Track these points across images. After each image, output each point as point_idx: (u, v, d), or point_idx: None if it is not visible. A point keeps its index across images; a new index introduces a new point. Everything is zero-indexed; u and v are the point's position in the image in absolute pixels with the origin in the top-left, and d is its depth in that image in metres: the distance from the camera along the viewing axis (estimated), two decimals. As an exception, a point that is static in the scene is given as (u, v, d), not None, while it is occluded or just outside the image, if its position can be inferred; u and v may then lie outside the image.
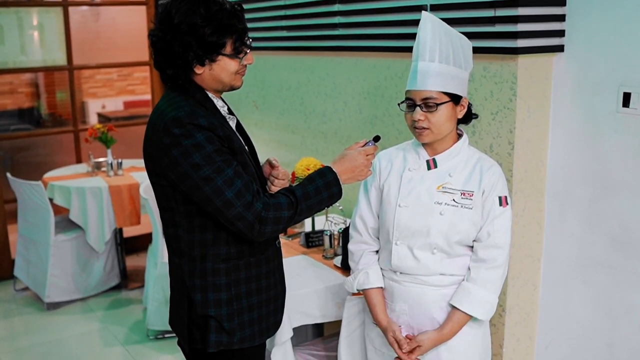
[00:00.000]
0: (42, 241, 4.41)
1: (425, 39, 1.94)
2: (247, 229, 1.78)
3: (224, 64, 1.84)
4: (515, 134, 2.38)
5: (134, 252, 5.39)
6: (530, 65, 2.36)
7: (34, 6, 5.80)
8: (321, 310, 2.52)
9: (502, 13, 2.32)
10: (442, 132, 1.99)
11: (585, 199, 2.42)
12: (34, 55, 5.49)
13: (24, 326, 4.23)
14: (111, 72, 9.42)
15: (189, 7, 1.77)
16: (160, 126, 1.78)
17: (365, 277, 2.14)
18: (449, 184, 2.01)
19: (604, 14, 2.26)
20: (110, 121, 7.70)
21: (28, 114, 8.80)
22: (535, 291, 2.61)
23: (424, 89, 1.94)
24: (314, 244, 2.98)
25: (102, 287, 4.65)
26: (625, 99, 2.23)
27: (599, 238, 2.40)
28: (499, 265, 2.00)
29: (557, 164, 2.49)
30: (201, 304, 1.90)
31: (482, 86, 2.47)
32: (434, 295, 2.03)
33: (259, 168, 2.05)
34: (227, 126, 1.88)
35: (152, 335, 3.99)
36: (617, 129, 2.28)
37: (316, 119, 3.55)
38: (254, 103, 4.15)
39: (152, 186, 1.93)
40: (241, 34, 1.84)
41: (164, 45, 1.80)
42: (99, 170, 4.80)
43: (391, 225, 2.05)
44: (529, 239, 2.54)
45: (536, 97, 2.41)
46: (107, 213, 4.43)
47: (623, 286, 2.35)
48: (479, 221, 2.00)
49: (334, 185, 1.89)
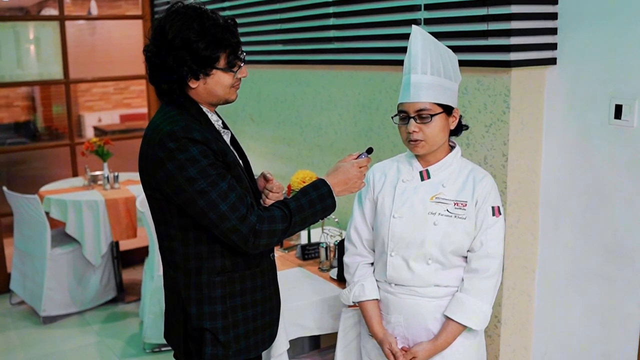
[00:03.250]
0: (38, 255, 4.40)
1: (417, 52, 1.97)
2: (241, 242, 1.79)
3: (218, 78, 1.85)
4: (509, 145, 2.40)
5: (130, 265, 5.38)
6: (523, 78, 2.38)
7: (30, 20, 5.83)
8: (317, 322, 2.52)
9: (495, 27, 2.34)
10: (436, 143, 2.00)
11: (578, 209, 2.43)
12: (31, 69, 5.51)
13: (20, 340, 4.21)
14: (107, 86, 9.45)
15: (183, 22, 1.78)
16: (155, 140, 1.79)
17: (360, 289, 2.15)
18: (443, 194, 2.03)
19: (596, 27, 2.29)
20: (107, 134, 7.72)
21: (24, 128, 8.82)
22: (531, 302, 2.62)
23: (417, 101, 1.96)
24: (310, 257, 2.99)
25: (98, 300, 4.64)
26: (617, 111, 2.26)
27: (593, 248, 2.41)
28: (492, 275, 2.01)
29: (550, 175, 2.50)
30: (197, 316, 1.91)
31: (475, 99, 2.49)
32: (429, 307, 2.04)
33: (254, 181, 2.06)
34: (221, 140, 1.89)
35: (149, 349, 3.97)
36: (609, 140, 2.30)
37: (312, 132, 3.57)
38: (249, 116, 4.17)
39: (147, 199, 1.94)
40: (235, 48, 1.85)
41: (158, 60, 1.81)
42: (95, 183, 4.80)
43: (386, 236, 2.06)
44: (523, 250, 2.55)
45: (529, 110, 2.43)
46: (104, 226, 4.43)
47: (618, 296, 2.36)
48: (472, 231, 2.01)
49: (327, 198, 1.90)
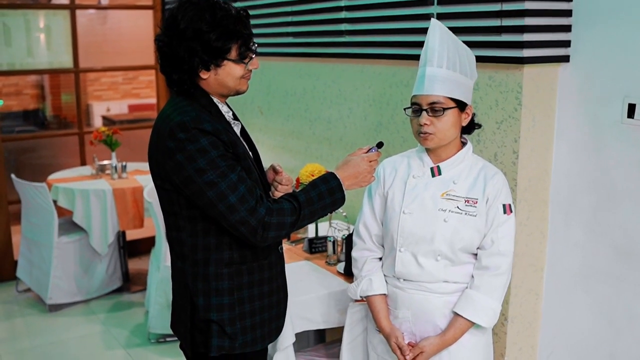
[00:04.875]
0: (45, 243, 4.42)
1: (434, 45, 1.96)
2: (250, 234, 1.79)
3: (229, 69, 1.85)
4: (519, 143, 2.38)
5: (136, 255, 5.39)
6: (535, 75, 2.36)
7: (41, 9, 5.83)
8: (323, 316, 2.52)
9: (509, 23, 2.33)
10: (446, 138, 1.99)
11: (589, 208, 2.42)
12: (41, 57, 5.51)
13: (26, 327, 4.23)
14: (116, 75, 9.45)
15: (195, 13, 1.78)
16: (165, 130, 1.79)
17: (368, 284, 2.14)
18: (453, 191, 2.02)
19: (610, 25, 2.27)
20: (115, 124, 7.72)
21: (33, 116, 8.83)
22: (538, 300, 2.61)
23: (431, 94, 1.95)
24: (317, 250, 2.99)
25: (104, 289, 4.66)
26: (630, 110, 2.24)
27: (602, 248, 2.40)
28: (502, 273, 2.00)
29: (561, 173, 2.49)
30: (204, 308, 1.91)
31: (487, 95, 2.47)
32: (437, 303, 2.04)
33: (263, 173, 2.06)
34: (231, 131, 1.88)
35: (154, 339, 3.99)
36: (621, 139, 2.28)
37: (321, 125, 3.56)
38: (259, 108, 4.16)
39: (156, 190, 1.94)
40: (246, 40, 1.85)
41: (169, 50, 1.81)
42: (103, 173, 4.81)
43: (395, 232, 2.06)
44: (532, 248, 2.53)
45: (541, 107, 2.41)
46: (111, 216, 4.44)
47: (626, 296, 2.35)
48: (482, 228, 2.00)
49: (337, 192, 1.89)
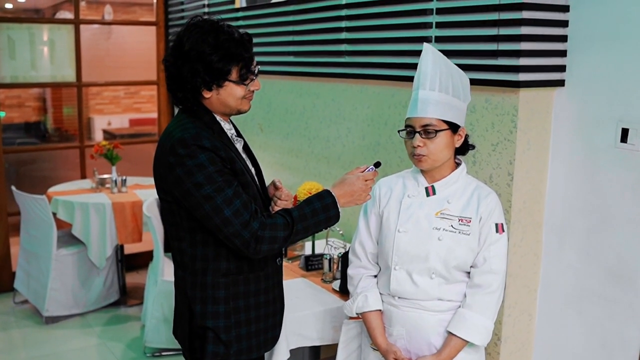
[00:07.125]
0: (43, 255, 4.43)
1: (427, 69, 2.01)
2: (243, 246, 1.87)
3: (231, 90, 1.94)
4: (514, 165, 2.42)
5: (134, 269, 5.40)
6: (531, 99, 2.41)
7: (46, 23, 5.90)
8: (319, 333, 2.54)
9: (505, 47, 2.37)
10: (439, 160, 2.03)
11: (583, 231, 2.45)
12: (44, 70, 5.55)
13: (22, 339, 4.23)
14: (118, 90, 9.51)
15: (199, 36, 1.88)
16: (167, 146, 1.89)
17: (364, 300, 2.17)
18: (447, 210, 2.05)
19: (605, 50, 2.31)
20: (116, 138, 7.76)
21: (35, 128, 8.88)
22: (531, 321, 2.63)
23: (424, 116, 1.99)
24: (314, 268, 3.01)
25: (101, 302, 4.67)
26: (623, 135, 2.28)
27: (595, 270, 2.42)
28: (494, 291, 2.03)
29: (555, 196, 2.52)
30: (200, 315, 1.99)
31: (483, 117, 2.51)
32: (431, 320, 2.06)
33: (264, 188, 2.13)
34: (232, 148, 1.96)
35: (149, 353, 3.99)
36: (615, 163, 2.32)
37: (320, 144, 3.60)
38: (259, 126, 4.20)
39: (160, 202, 2.04)
40: (247, 62, 1.95)
41: (175, 70, 1.92)
42: (103, 186, 4.84)
43: (390, 250, 2.09)
44: (526, 269, 2.56)
45: (536, 130, 2.45)
46: (110, 229, 4.46)
47: (619, 319, 2.37)
48: (476, 247, 2.04)
49: (331, 208, 1.95)
